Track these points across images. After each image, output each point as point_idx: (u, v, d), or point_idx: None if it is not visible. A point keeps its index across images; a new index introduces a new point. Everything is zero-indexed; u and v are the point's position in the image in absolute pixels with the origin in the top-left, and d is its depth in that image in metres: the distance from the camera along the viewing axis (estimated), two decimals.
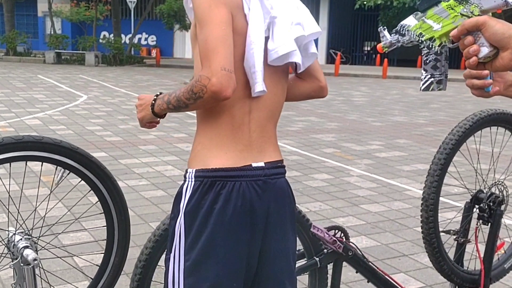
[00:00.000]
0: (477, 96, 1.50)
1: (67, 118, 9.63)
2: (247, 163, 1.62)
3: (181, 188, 1.65)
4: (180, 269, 1.62)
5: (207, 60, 1.50)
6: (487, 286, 2.70)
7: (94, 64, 23.03)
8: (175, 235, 1.64)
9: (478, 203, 2.64)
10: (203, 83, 1.49)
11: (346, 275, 3.49)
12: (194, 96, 1.51)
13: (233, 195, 1.59)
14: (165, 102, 1.62)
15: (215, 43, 1.51)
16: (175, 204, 1.66)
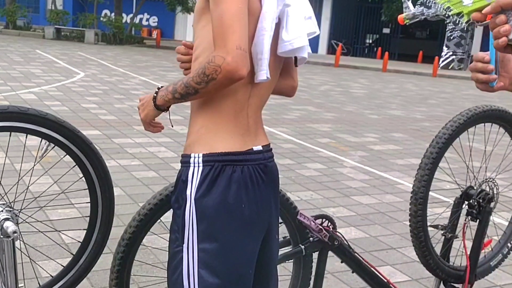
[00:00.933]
0: (482, 90, 1.49)
1: (63, 94, 9.57)
2: (249, 147, 1.62)
3: (185, 175, 1.59)
4: (195, 259, 1.57)
5: (221, 39, 1.44)
6: (472, 283, 2.69)
7: (94, 42, 22.89)
8: (186, 224, 1.57)
9: (467, 199, 2.62)
10: (216, 63, 1.44)
11: (332, 265, 3.48)
12: (206, 79, 1.46)
13: (244, 180, 1.58)
14: (170, 92, 1.55)
15: (232, 20, 1.46)
16: (180, 192, 1.60)
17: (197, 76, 1.48)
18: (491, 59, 1.44)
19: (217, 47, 1.45)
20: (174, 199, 1.64)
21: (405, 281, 3.51)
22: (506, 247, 2.87)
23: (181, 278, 1.58)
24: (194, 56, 1.63)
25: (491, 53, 1.44)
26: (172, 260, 1.63)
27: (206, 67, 1.45)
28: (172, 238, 1.63)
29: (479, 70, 1.45)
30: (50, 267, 3.11)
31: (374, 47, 29.15)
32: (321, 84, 14.52)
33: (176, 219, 1.62)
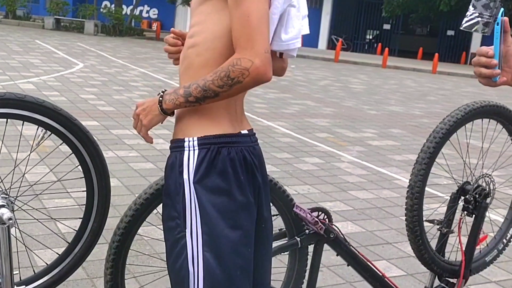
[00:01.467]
0: (484, 84, 1.49)
1: (62, 84, 9.55)
2: (237, 131, 1.64)
3: (179, 160, 1.57)
4: (199, 242, 1.56)
5: (248, 40, 1.43)
6: (466, 278, 2.69)
7: (93, 33, 22.84)
8: (188, 209, 1.56)
9: (464, 195, 2.62)
10: (244, 66, 1.43)
11: (328, 259, 3.48)
12: (231, 82, 1.44)
13: (239, 161, 1.59)
14: (181, 95, 1.51)
15: (260, 21, 1.44)
16: (175, 177, 1.59)
17: (218, 79, 1.45)
18: (494, 53, 1.45)
19: (243, 49, 1.44)
20: (170, 186, 1.61)
21: (401, 276, 3.52)
22: (501, 243, 2.88)
23: (186, 264, 1.57)
24: (190, 43, 1.59)
25: (495, 48, 1.45)
26: (173, 247, 1.60)
27: (230, 70, 1.44)
28: (172, 226, 1.61)
29: (482, 65, 1.45)
30: (45, 256, 3.11)
31: (374, 43, 29.13)
32: (320, 79, 14.51)
33: (176, 205, 1.59)
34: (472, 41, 26.67)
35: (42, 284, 2.00)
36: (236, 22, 1.45)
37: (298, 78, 14.11)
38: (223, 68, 1.45)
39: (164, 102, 1.54)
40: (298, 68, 16.56)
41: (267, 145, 6.62)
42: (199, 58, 1.56)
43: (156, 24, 27.33)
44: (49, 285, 2.02)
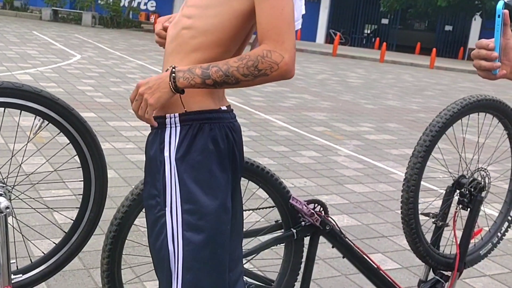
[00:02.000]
0: (483, 77, 1.49)
1: (59, 76, 9.53)
2: (218, 107, 1.60)
3: (161, 137, 1.55)
4: (179, 222, 1.54)
5: (279, 34, 1.41)
6: (461, 271, 2.71)
7: (91, 25, 22.76)
8: (168, 186, 1.54)
9: (459, 188, 2.64)
10: (274, 60, 1.40)
11: (324, 251, 3.50)
12: (257, 73, 1.41)
13: (221, 137, 1.57)
14: (198, 75, 1.44)
15: (291, 16, 1.43)
16: (155, 155, 1.56)
17: (245, 67, 1.42)
18: (495, 46, 1.44)
19: (274, 41, 1.41)
20: (150, 163, 1.59)
21: (396, 269, 3.54)
22: (496, 236, 2.89)
23: (166, 242, 1.55)
24: (187, 24, 1.55)
25: (496, 40, 1.44)
26: (153, 226, 1.58)
27: (260, 60, 1.41)
28: (152, 204, 1.58)
29: (482, 57, 1.45)
30: (42, 247, 3.12)
31: (372, 37, 29.12)
32: (318, 73, 14.50)
33: (156, 183, 1.57)
34: (470, 36, 26.68)
35: (39, 273, 2.01)
36: (267, 12, 1.42)
37: (296, 71, 14.05)
38: (251, 57, 1.42)
39: (178, 80, 1.45)
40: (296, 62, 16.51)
41: (264, 138, 6.63)
42: (194, 41, 1.53)
43: (154, 16, 27.24)
44: (46, 274, 2.03)
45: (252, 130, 6.91)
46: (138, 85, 1.50)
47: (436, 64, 20.12)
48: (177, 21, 1.60)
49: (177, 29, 1.58)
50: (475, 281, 3.50)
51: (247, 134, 6.70)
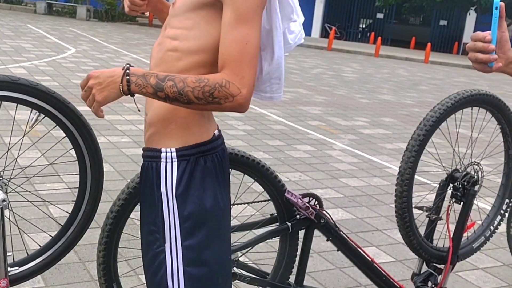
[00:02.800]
0: (479, 70, 1.47)
1: (53, 69, 9.50)
2: (211, 134, 1.57)
3: (156, 171, 1.51)
4: (179, 258, 1.51)
5: (241, 68, 1.39)
6: (454, 264, 2.74)
7: (86, 18, 22.66)
8: (167, 223, 1.50)
9: (453, 182, 2.66)
10: (231, 92, 1.38)
11: (318, 245, 3.52)
12: (211, 100, 1.38)
13: (215, 169, 1.55)
14: (152, 85, 1.38)
15: (255, 52, 1.41)
16: (150, 190, 1.52)
17: (200, 91, 1.37)
18: (492, 38, 1.42)
19: (233, 74, 1.39)
20: (146, 198, 1.55)
21: (389, 262, 3.57)
22: (488, 230, 2.92)
23: (165, 278, 1.52)
24: (172, 46, 1.50)
25: (493, 33, 1.42)
26: (152, 262, 1.54)
27: (216, 89, 1.37)
28: (151, 240, 1.54)
29: (478, 50, 1.43)
30: (38, 240, 3.13)
31: (367, 32, 29.12)
32: (313, 67, 14.51)
33: (154, 219, 1.53)
34: (465, 31, 26.72)
35: (35, 266, 2.02)
36: (230, 43, 1.40)
37: (291, 66, 14.10)
38: (209, 83, 1.37)
39: (130, 84, 1.39)
40: (291, 56, 16.54)
41: (259, 132, 6.64)
42: (180, 63, 1.49)
43: None
44: (42, 267, 2.04)
45: (247, 124, 6.93)
46: (89, 76, 1.44)
47: (430, 59, 20.16)
48: (161, 42, 1.56)
49: (162, 51, 1.53)
50: (467, 274, 3.53)
51: (242, 128, 6.72)
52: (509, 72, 1.53)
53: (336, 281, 3.25)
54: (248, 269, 2.42)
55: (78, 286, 2.91)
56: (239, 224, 2.43)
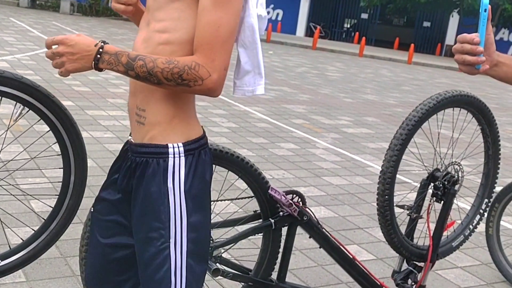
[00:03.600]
0: (465, 72, 1.46)
1: (36, 63, 9.42)
2: (202, 129, 1.62)
3: (164, 167, 1.50)
4: (183, 252, 1.52)
5: (211, 51, 1.39)
6: (433, 262, 2.78)
7: (69, 12, 22.47)
8: (172, 218, 1.50)
9: (433, 181, 2.70)
10: (200, 75, 1.39)
11: (300, 242, 3.55)
12: (180, 81, 1.39)
13: (210, 161, 1.59)
14: (123, 64, 1.40)
15: (228, 36, 1.41)
16: (157, 186, 1.50)
17: (169, 72, 1.39)
18: (480, 40, 1.41)
19: (204, 57, 1.40)
20: (151, 195, 1.52)
21: (371, 260, 3.60)
22: (468, 229, 2.97)
23: (168, 275, 1.51)
24: (163, 39, 1.49)
25: (481, 35, 1.42)
26: (153, 259, 1.52)
27: (185, 71, 1.38)
28: (154, 237, 1.52)
29: (466, 52, 1.42)
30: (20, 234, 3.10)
31: (351, 31, 29.23)
32: (297, 66, 14.55)
33: (160, 216, 1.51)
34: (448, 33, 26.96)
35: (17, 260, 2.01)
36: (203, 26, 1.41)
37: (276, 64, 14.13)
38: (179, 65, 1.39)
39: (102, 62, 1.42)
40: (275, 54, 16.56)
41: (243, 130, 6.66)
42: (174, 55, 1.47)
43: None
44: (24, 261, 2.03)
45: (231, 121, 6.93)
46: (62, 41, 1.43)
47: (414, 60, 20.31)
48: (148, 38, 1.53)
49: (151, 46, 1.51)
50: (447, 273, 3.58)
51: (227, 126, 6.72)
52: (493, 75, 1.53)
53: (318, 278, 3.28)
54: (230, 265, 2.44)
55: (59, 281, 2.90)
56: (222, 220, 2.44)
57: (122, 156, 1.65)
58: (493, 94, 13.38)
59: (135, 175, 1.54)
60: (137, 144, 1.55)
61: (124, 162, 1.61)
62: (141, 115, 1.53)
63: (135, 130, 1.57)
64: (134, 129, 1.58)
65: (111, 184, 1.67)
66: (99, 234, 1.68)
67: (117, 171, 1.65)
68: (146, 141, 1.53)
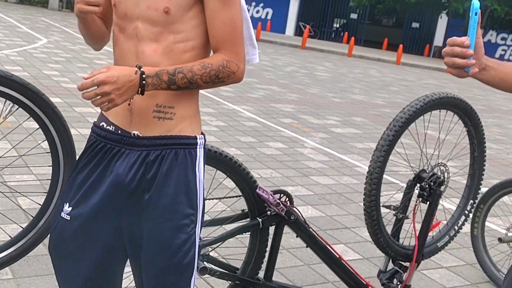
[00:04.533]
0: (454, 75, 1.48)
1: (24, 60, 9.36)
2: None
3: (193, 157, 1.61)
4: (200, 234, 1.66)
5: (234, 45, 1.56)
6: (419, 262, 2.81)
7: (58, 8, 22.34)
8: (198, 203, 1.63)
9: (420, 182, 2.73)
10: (232, 69, 1.56)
11: (287, 241, 3.57)
12: (217, 81, 1.56)
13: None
14: (165, 81, 1.50)
15: (241, 28, 1.58)
16: (191, 176, 1.61)
17: (208, 76, 1.54)
18: (470, 43, 1.43)
19: (230, 52, 1.56)
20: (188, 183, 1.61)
21: (357, 259, 3.63)
22: (453, 229, 3.01)
23: (194, 258, 1.62)
24: (189, 47, 1.58)
25: (471, 38, 1.43)
26: (183, 245, 1.59)
27: (220, 71, 1.55)
28: (186, 223, 1.60)
29: (456, 55, 1.43)
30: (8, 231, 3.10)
31: (341, 31, 29.33)
32: (286, 65, 14.58)
33: (192, 203, 1.61)
34: (436, 34, 27.14)
35: (6, 257, 2.01)
36: (221, 25, 1.55)
37: (265, 63, 14.15)
38: (213, 67, 1.54)
39: (147, 86, 1.49)
40: (265, 54, 16.58)
41: (232, 129, 6.67)
42: (199, 58, 1.60)
43: None
44: (13, 258, 2.03)
45: (220, 120, 6.94)
46: (104, 81, 1.43)
47: (402, 60, 20.43)
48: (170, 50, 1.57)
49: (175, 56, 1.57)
50: (432, 273, 3.62)
51: (215, 124, 6.73)
52: (481, 79, 1.54)
53: (304, 277, 3.30)
54: (218, 263, 2.45)
55: (46, 278, 2.90)
56: (210, 219, 2.46)
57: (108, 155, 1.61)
58: (480, 95, 13.50)
59: (160, 166, 1.58)
60: (160, 136, 1.59)
61: (126, 158, 1.59)
62: (167, 112, 1.59)
63: (152, 125, 1.59)
64: (149, 125, 1.59)
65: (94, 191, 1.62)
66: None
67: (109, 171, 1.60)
68: (176, 133, 1.60)
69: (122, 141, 1.59)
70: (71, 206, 1.60)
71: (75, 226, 1.60)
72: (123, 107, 1.56)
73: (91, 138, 1.66)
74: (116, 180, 1.58)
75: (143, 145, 1.58)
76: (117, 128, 1.60)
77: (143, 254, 1.60)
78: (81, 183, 1.61)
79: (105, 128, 1.62)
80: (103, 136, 1.61)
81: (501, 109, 12.10)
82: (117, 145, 1.59)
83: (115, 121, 1.61)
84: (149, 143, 1.58)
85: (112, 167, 1.58)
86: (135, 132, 1.59)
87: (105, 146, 1.61)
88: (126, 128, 1.59)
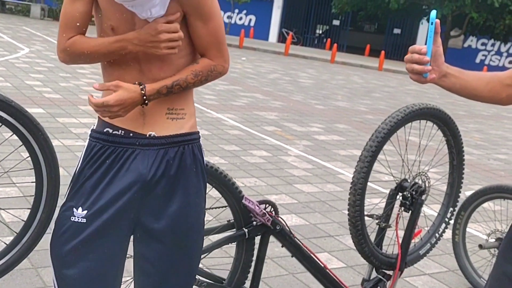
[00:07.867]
0: (414, 80, 1.61)
1: (6, 70, 9.29)
2: None
3: (200, 150, 1.81)
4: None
5: (219, 49, 1.74)
6: (402, 270, 2.85)
7: (40, 17, 22.20)
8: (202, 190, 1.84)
9: (402, 191, 2.77)
10: (219, 71, 1.77)
11: (272, 251, 3.59)
12: (206, 82, 1.76)
13: None
14: (164, 94, 1.68)
15: (224, 33, 1.76)
16: (202, 162, 1.81)
17: (199, 81, 1.73)
18: (427, 51, 1.56)
19: (215, 57, 1.75)
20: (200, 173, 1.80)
21: (341, 268, 3.66)
22: (434, 237, 3.05)
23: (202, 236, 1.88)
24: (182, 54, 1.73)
25: (428, 46, 1.56)
26: (201, 225, 1.84)
27: (209, 75, 1.75)
28: (203, 206, 1.84)
29: (414, 61, 1.57)
30: None
31: (323, 38, 29.51)
32: (270, 72, 14.64)
33: (202, 189, 1.82)
34: (417, 40, 27.43)
35: None
36: (207, 34, 1.71)
37: (248, 70, 14.19)
38: (203, 73, 1.73)
39: (149, 101, 1.67)
40: (248, 61, 16.63)
41: (216, 137, 6.68)
42: (191, 62, 1.77)
43: None
44: None
45: (203, 128, 6.95)
46: (111, 104, 1.61)
47: (384, 66, 20.61)
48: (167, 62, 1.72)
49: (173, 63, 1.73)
50: (415, 280, 3.66)
51: None
52: (442, 85, 1.67)
53: (289, 286, 3.32)
54: (204, 274, 2.47)
55: None
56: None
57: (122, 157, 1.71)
58: (461, 101, 13.66)
59: (180, 161, 1.75)
60: (176, 135, 1.75)
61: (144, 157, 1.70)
62: (180, 113, 1.77)
63: (166, 125, 1.74)
64: (163, 125, 1.74)
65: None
66: None
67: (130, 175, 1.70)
68: (188, 130, 1.78)
69: (135, 143, 1.69)
70: (85, 209, 1.67)
71: (95, 226, 1.67)
72: (134, 111, 1.69)
73: (95, 145, 1.72)
74: (137, 177, 1.68)
75: (160, 144, 1.72)
76: (128, 131, 1.70)
77: (167, 240, 1.74)
78: (93, 187, 1.69)
79: (112, 133, 1.71)
80: (112, 141, 1.70)
81: (482, 115, 12.26)
82: (130, 147, 1.69)
83: (124, 125, 1.71)
84: (166, 141, 1.72)
85: (129, 167, 1.68)
86: (151, 133, 1.71)
87: (115, 150, 1.69)
88: (139, 131, 1.70)
